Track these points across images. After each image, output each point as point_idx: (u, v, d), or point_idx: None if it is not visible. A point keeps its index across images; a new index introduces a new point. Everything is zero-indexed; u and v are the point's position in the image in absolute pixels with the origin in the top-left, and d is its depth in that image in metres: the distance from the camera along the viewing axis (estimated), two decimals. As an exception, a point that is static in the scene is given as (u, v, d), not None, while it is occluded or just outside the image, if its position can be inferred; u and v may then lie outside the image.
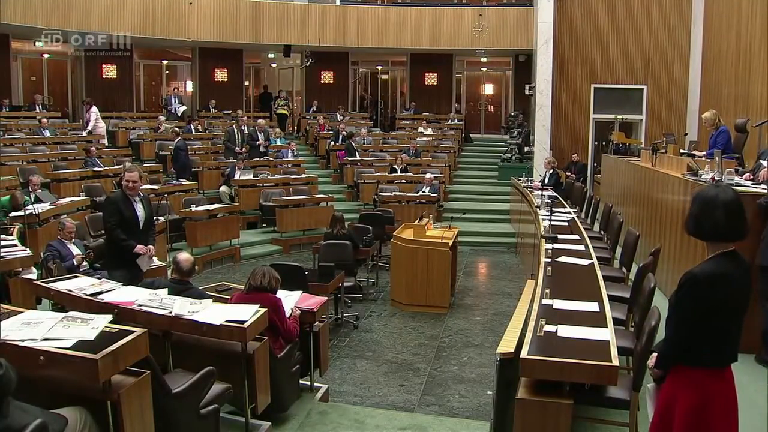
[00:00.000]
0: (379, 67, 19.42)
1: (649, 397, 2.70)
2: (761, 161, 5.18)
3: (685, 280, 2.43)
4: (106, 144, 13.64)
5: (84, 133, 13.63)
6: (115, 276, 4.84)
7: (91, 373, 2.64)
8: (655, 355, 2.61)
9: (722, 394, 2.41)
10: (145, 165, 12.60)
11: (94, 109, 13.93)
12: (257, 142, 13.53)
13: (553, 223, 6.63)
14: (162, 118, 15.01)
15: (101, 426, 2.72)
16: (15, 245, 5.81)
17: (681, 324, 2.43)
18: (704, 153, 6.70)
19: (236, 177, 11.86)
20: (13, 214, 7.37)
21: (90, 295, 4.00)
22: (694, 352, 2.42)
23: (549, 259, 4.86)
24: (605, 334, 3.19)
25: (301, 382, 4.58)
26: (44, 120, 12.93)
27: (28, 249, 5.79)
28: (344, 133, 14.71)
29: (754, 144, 6.97)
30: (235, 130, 13.32)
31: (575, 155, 13.95)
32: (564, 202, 8.90)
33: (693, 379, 2.42)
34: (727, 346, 2.44)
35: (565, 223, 6.82)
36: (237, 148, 12.96)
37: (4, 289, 5.39)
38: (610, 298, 3.97)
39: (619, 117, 14.05)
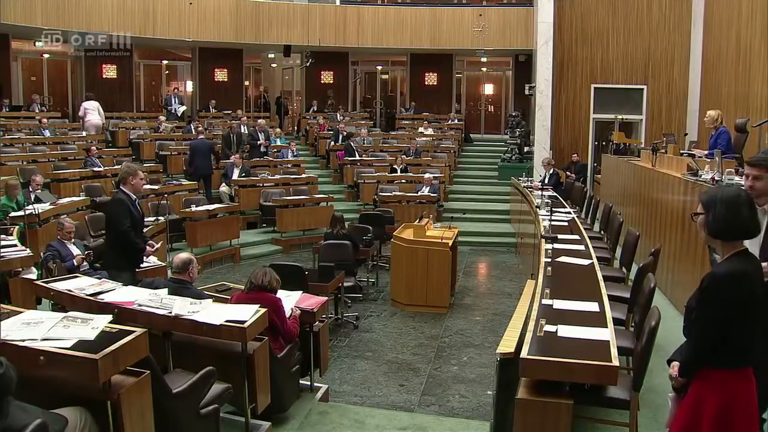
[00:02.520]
0: (379, 67, 19.42)
1: (670, 406, 2.65)
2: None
3: (709, 281, 2.41)
4: (99, 139, 13.63)
5: (83, 133, 13.65)
6: (123, 278, 4.80)
7: (91, 373, 2.64)
8: (676, 364, 2.58)
9: (746, 394, 2.41)
10: (145, 165, 12.62)
11: (85, 103, 13.98)
12: (257, 142, 13.54)
13: (553, 223, 6.63)
14: (162, 118, 15.02)
15: (101, 426, 2.72)
16: (15, 245, 5.81)
17: (709, 326, 2.41)
18: (705, 153, 6.70)
19: (234, 177, 11.87)
20: (13, 214, 7.38)
21: (90, 295, 4.00)
22: (720, 353, 2.40)
23: (549, 259, 4.86)
24: (605, 334, 3.19)
25: (301, 382, 4.58)
26: (44, 120, 12.94)
27: (28, 249, 5.80)
28: (344, 133, 14.72)
29: (754, 144, 6.97)
30: (231, 135, 13.31)
31: (575, 155, 13.96)
32: (564, 202, 8.90)
33: (720, 381, 2.41)
34: (750, 345, 2.43)
35: (565, 223, 6.82)
36: (232, 154, 12.61)
37: (4, 289, 5.39)
38: (610, 298, 3.97)
39: (619, 117, 14.05)
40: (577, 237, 5.98)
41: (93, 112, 13.90)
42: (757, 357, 2.48)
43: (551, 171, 11.25)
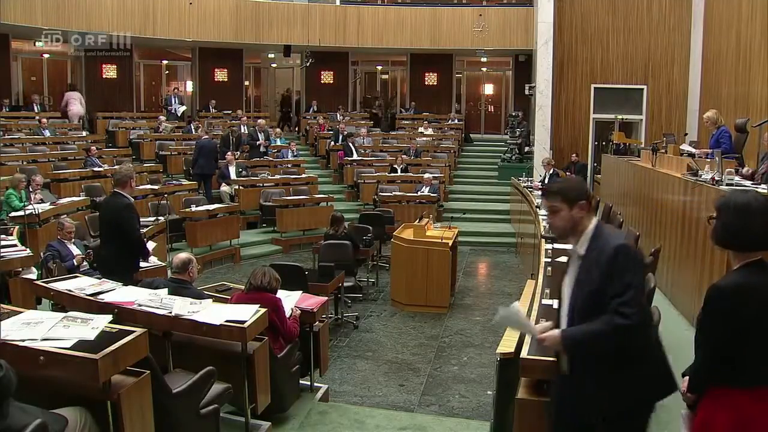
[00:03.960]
0: (379, 67, 19.42)
1: (682, 424, 2.51)
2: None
3: (710, 293, 2.24)
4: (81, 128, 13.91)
5: (83, 133, 13.69)
6: (128, 282, 4.77)
7: (91, 373, 2.64)
8: (686, 378, 2.40)
9: (761, 417, 2.20)
10: (145, 165, 12.64)
11: (68, 93, 14.43)
12: (257, 142, 13.55)
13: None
14: (162, 118, 15.03)
15: (101, 426, 2.72)
16: (15, 245, 5.82)
17: (711, 341, 2.25)
18: (707, 154, 6.69)
19: (232, 176, 11.88)
20: (14, 214, 7.39)
21: (90, 295, 4.00)
22: (728, 371, 2.22)
23: (549, 259, 4.86)
24: (605, 334, 3.18)
25: (301, 382, 4.58)
26: (44, 120, 12.95)
27: (28, 249, 5.80)
28: (344, 132, 14.73)
29: (754, 144, 6.97)
30: (231, 136, 13.32)
31: (574, 155, 13.95)
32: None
33: (730, 401, 2.22)
34: (764, 363, 2.22)
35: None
36: (228, 152, 12.61)
37: (4, 289, 5.39)
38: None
39: (619, 117, 14.05)
40: (577, 237, 5.97)
41: (75, 102, 14.20)
42: None
43: (551, 171, 11.26)
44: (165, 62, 18.14)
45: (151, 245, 5.63)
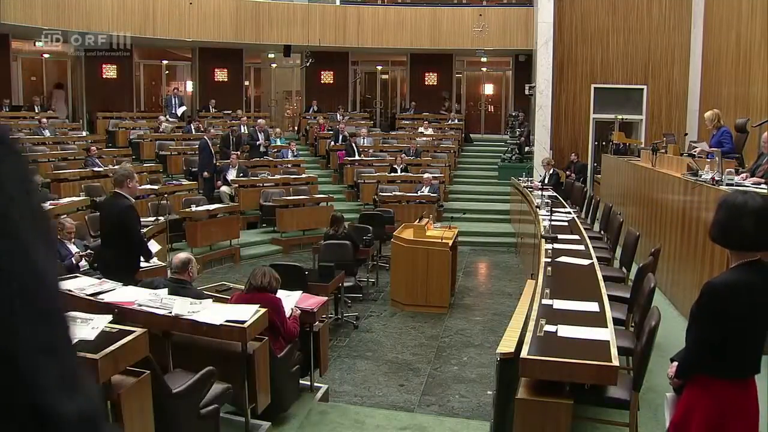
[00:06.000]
0: (379, 67, 19.42)
1: (666, 406, 2.64)
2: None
3: (705, 290, 2.36)
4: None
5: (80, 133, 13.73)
6: (129, 282, 4.75)
7: (91, 374, 2.64)
8: (674, 364, 2.53)
9: (742, 406, 2.33)
10: (145, 165, 12.64)
11: (56, 91, 14.94)
12: (257, 142, 13.55)
13: (553, 223, 6.63)
14: (162, 118, 15.03)
15: (101, 426, 2.72)
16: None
17: (700, 334, 2.37)
18: (707, 154, 6.70)
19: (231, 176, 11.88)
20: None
21: (90, 295, 4.00)
22: (714, 362, 2.34)
23: (549, 259, 4.86)
24: (605, 334, 3.19)
25: (301, 382, 4.58)
26: (44, 120, 12.96)
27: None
28: (345, 133, 14.72)
29: (754, 144, 6.98)
30: (231, 136, 13.34)
31: (573, 155, 13.96)
32: (564, 202, 8.90)
33: (712, 390, 2.34)
34: (749, 357, 2.36)
35: (565, 223, 6.83)
36: (230, 151, 12.72)
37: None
38: (610, 298, 3.97)
39: (619, 117, 14.05)
40: (577, 237, 5.99)
41: (62, 100, 14.52)
42: None
43: (551, 171, 11.26)
44: (165, 62, 18.14)
45: (154, 247, 5.61)
